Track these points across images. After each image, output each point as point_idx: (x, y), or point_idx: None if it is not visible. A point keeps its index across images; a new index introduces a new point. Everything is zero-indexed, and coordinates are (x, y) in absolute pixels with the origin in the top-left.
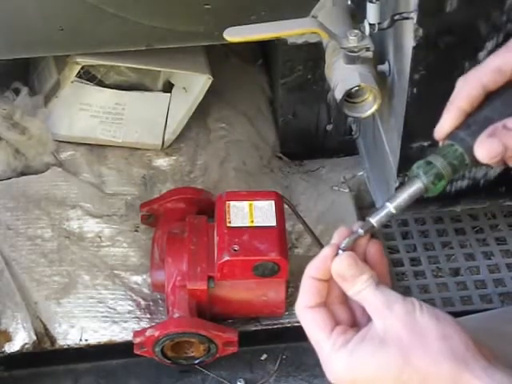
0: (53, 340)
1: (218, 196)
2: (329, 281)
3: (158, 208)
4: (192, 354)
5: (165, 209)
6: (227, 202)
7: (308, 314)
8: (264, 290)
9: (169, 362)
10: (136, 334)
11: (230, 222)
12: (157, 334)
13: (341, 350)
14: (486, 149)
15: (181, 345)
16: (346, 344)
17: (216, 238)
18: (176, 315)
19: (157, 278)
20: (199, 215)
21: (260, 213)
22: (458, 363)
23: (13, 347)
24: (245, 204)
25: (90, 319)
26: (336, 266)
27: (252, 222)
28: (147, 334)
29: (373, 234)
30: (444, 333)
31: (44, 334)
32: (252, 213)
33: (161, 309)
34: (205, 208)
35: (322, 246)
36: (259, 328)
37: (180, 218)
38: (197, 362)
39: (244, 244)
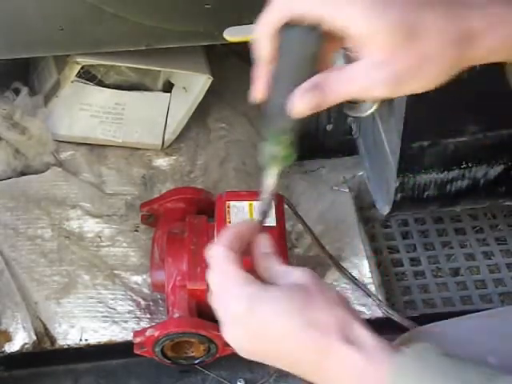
0: (53, 340)
1: (218, 196)
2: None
3: (158, 208)
4: (192, 354)
5: (165, 209)
6: (227, 202)
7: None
8: None
9: (169, 361)
10: (136, 333)
11: (230, 222)
12: (157, 333)
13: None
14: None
15: (181, 345)
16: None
17: (216, 237)
18: (176, 315)
19: (157, 277)
20: (199, 215)
21: None
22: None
23: (13, 347)
24: (245, 204)
25: (90, 319)
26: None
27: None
28: (147, 333)
29: None
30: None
31: (44, 333)
32: (252, 213)
33: (161, 309)
34: (205, 208)
35: (322, 247)
36: None
37: (180, 218)
38: (197, 361)
39: None
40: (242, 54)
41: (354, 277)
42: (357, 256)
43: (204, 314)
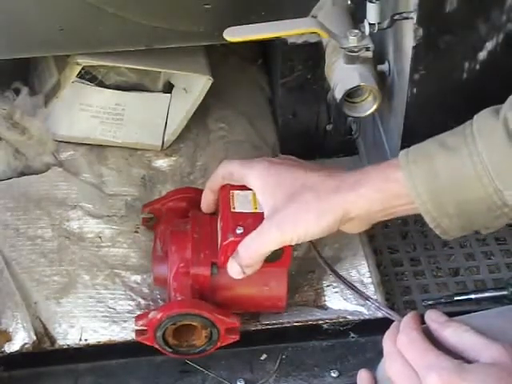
0: (53, 340)
1: (222, 186)
2: None
3: (160, 207)
4: (193, 342)
5: (167, 208)
6: (231, 191)
7: None
8: (266, 280)
9: (170, 350)
10: (138, 317)
11: (234, 208)
12: (159, 315)
13: None
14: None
15: (182, 332)
16: None
17: (220, 224)
18: (179, 298)
19: (159, 271)
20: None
21: None
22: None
23: (13, 347)
24: (248, 193)
25: (90, 319)
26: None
27: (256, 208)
28: (150, 316)
29: None
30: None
31: (44, 333)
32: (255, 201)
33: None
34: None
35: (317, 251)
36: (259, 328)
37: (182, 217)
38: (198, 351)
39: (248, 227)
40: (242, 53)
41: (352, 284)
42: (356, 256)
43: (206, 300)
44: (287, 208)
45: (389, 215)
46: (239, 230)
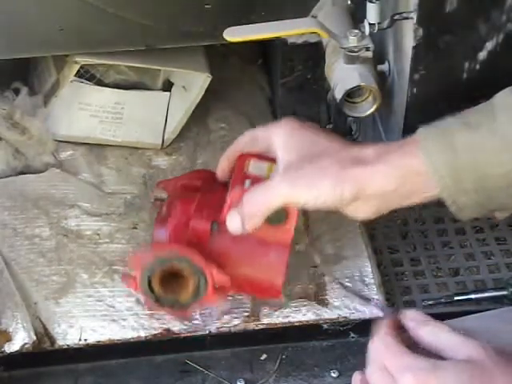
0: (52, 340)
1: (241, 154)
2: None
3: (175, 184)
4: (179, 295)
5: (181, 184)
6: (248, 159)
7: None
8: (266, 250)
9: (153, 298)
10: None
11: (247, 171)
12: (149, 255)
13: None
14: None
15: (169, 282)
16: None
17: (230, 186)
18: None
19: (158, 235)
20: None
21: None
22: None
23: (13, 347)
24: (265, 164)
25: (89, 318)
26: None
27: (269, 176)
28: (139, 255)
29: None
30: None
31: (44, 334)
32: (271, 171)
33: None
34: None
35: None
36: (259, 328)
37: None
38: (182, 305)
39: (256, 183)
40: (242, 53)
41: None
42: (357, 256)
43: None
44: (303, 167)
45: (404, 199)
46: (247, 184)
